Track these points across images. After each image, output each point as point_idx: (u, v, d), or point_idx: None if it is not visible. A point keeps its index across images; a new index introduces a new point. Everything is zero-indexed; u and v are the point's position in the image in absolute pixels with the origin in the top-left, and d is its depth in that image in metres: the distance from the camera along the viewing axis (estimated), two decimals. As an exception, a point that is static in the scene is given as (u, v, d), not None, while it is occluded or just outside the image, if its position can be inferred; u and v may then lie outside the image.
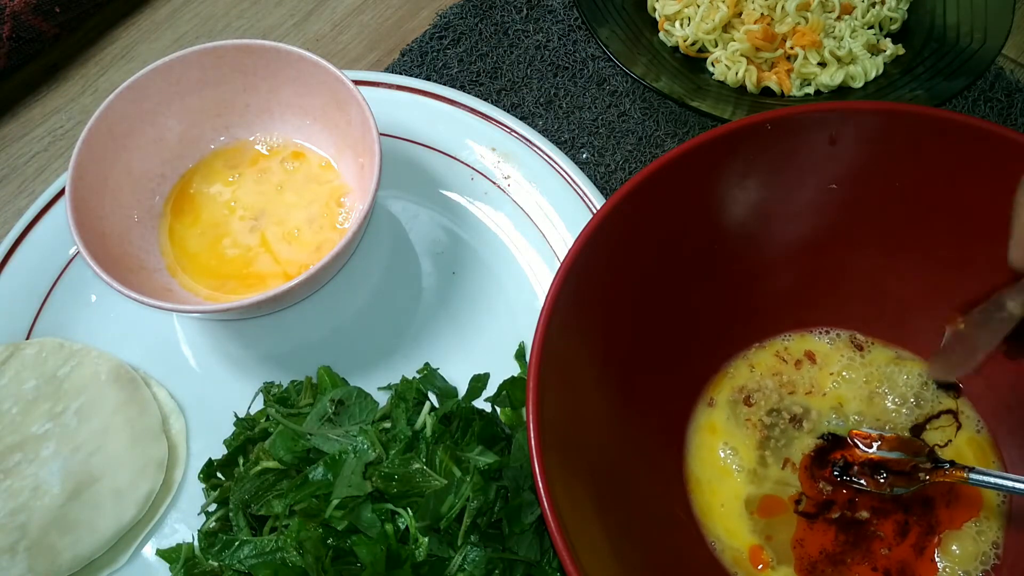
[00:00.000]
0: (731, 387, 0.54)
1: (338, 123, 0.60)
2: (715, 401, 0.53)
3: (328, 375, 0.55)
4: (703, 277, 0.52)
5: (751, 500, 0.51)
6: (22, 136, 0.71)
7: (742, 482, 0.51)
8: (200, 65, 0.59)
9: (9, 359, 0.56)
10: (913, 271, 0.52)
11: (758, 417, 0.53)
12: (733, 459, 0.52)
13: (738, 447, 0.52)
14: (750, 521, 0.50)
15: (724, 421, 0.53)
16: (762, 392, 0.54)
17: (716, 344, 0.55)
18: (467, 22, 0.73)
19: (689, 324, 0.53)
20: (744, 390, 0.54)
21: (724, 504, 0.50)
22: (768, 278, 0.54)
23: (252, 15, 0.76)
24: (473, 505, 0.47)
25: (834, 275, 0.54)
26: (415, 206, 0.64)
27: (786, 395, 0.53)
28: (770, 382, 0.54)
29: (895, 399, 0.53)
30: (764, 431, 0.52)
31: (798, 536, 0.50)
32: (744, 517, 0.50)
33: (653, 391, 0.51)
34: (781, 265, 0.53)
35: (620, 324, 0.50)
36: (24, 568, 0.50)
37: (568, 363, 0.46)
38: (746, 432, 0.52)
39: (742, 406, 0.53)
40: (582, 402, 0.47)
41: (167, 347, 0.60)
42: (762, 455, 0.52)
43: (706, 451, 0.52)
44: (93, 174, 0.56)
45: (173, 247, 0.60)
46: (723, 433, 0.52)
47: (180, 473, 0.55)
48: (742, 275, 0.53)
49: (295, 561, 0.47)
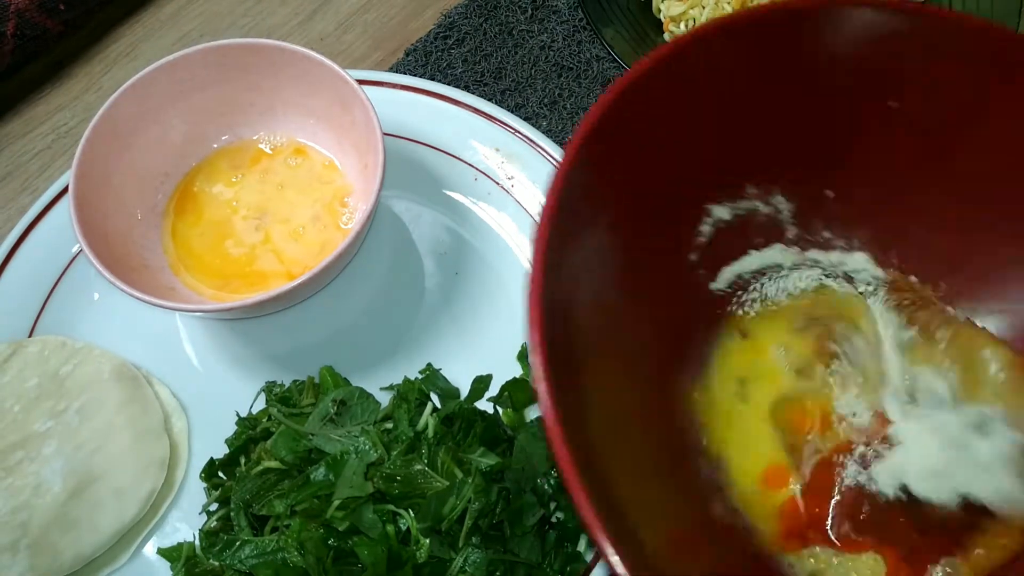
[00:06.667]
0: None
1: (342, 123, 0.60)
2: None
3: (330, 375, 0.55)
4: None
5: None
6: (26, 133, 0.71)
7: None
8: (204, 64, 0.59)
9: (11, 357, 0.56)
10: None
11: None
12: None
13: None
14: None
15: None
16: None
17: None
18: (471, 22, 0.73)
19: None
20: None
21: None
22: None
23: (256, 14, 0.76)
24: (475, 507, 0.47)
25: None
26: (418, 206, 0.64)
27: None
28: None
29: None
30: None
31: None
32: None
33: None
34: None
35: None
36: (25, 566, 0.50)
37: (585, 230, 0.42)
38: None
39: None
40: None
41: (169, 346, 0.60)
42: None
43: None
44: (97, 172, 0.56)
45: (176, 246, 0.60)
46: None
47: (182, 472, 0.55)
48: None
49: (296, 561, 0.47)
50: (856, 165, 0.51)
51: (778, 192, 0.51)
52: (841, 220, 0.52)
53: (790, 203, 0.51)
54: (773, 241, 0.52)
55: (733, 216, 0.50)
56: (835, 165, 0.51)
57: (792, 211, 0.52)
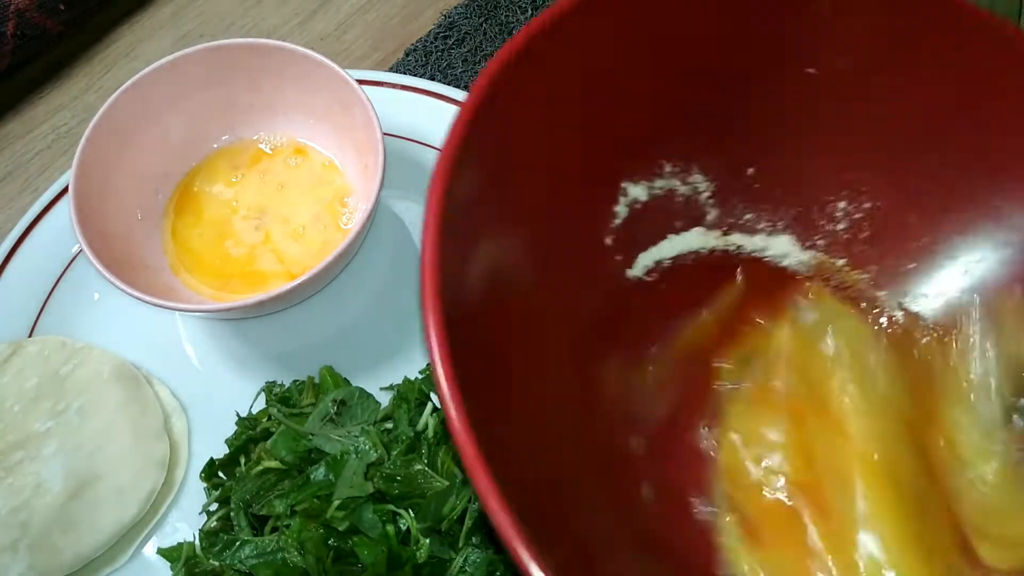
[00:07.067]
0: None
1: (342, 122, 0.60)
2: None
3: (330, 375, 0.55)
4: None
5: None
6: (26, 133, 0.71)
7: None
8: (204, 64, 0.59)
9: (11, 357, 0.56)
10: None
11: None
12: None
13: None
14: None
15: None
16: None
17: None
18: (472, 22, 0.73)
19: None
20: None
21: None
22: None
23: (256, 14, 0.76)
24: (475, 507, 0.47)
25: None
26: (418, 206, 0.64)
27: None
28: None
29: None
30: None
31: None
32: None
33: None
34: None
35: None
36: (25, 566, 0.50)
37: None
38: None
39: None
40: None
41: (169, 346, 0.60)
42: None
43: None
44: (96, 172, 0.56)
45: (176, 246, 0.60)
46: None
47: (181, 472, 0.55)
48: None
49: (296, 561, 0.47)
50: (776, 139, 0.48)
51: (696, 170, 0.48)
52: (763, 199, 0.50)
53: (709, 182, 0.49)
54: (692, 225, 0.49)
55: (650, 196, 0.48)
56: (754, 139, 0.48)
57: (712, 190, 0.49)
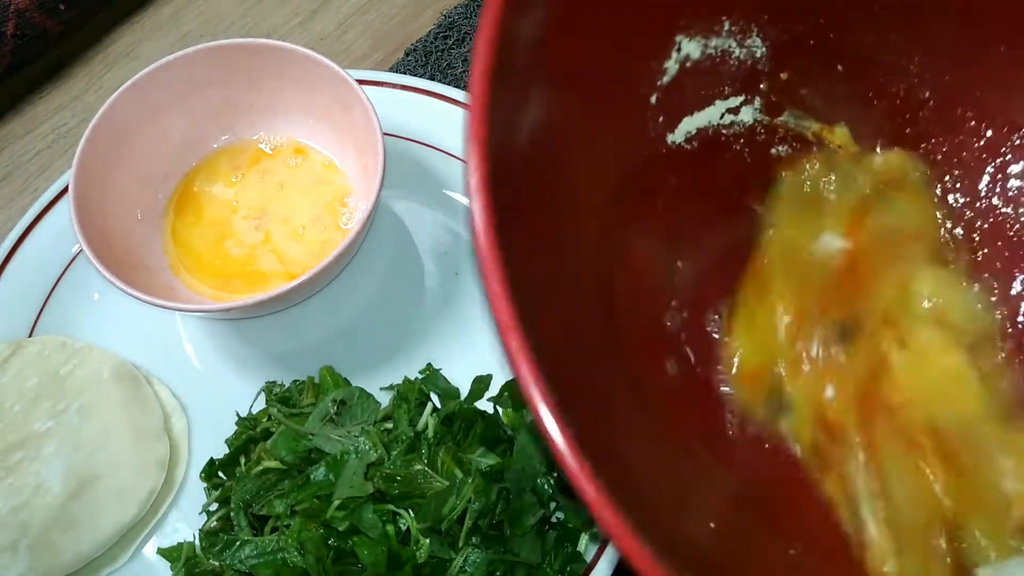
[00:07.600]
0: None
1: (342, 123, 0.60)
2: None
3: (330, 375, 0.55)
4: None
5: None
6: (26, 133, 0.71)
7: None
8: (204, 64, 0.59)
9: (11, 357, 0.56)
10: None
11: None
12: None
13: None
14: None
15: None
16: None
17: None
18: (471, 22, 0.73)
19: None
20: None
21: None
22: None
23: (256, 14, 0.76)
24: (475, 507, 0.47)
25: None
26: (418, 206, 0.64)
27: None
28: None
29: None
30: None
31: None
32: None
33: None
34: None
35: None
36: (25, 566, 0.50)
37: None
38: None
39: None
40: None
41: (169, 346, 0.60)
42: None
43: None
44: (96, 172, 0.56)
45: (176, 246, 0.60)
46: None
47: (181, 472, 0.55)
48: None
49: (296, 561, 0.47)
50: (848, 8, 0.45)
51: (756, 32, 0.45)
52: (821, 78, 0.47)
53: (768, 48, 0.45)
54: (742, 93, 0.46)
55: (703, 55, 0.44)
56: (821, 10, 0.45)
57: (768, 59, 0.46)
